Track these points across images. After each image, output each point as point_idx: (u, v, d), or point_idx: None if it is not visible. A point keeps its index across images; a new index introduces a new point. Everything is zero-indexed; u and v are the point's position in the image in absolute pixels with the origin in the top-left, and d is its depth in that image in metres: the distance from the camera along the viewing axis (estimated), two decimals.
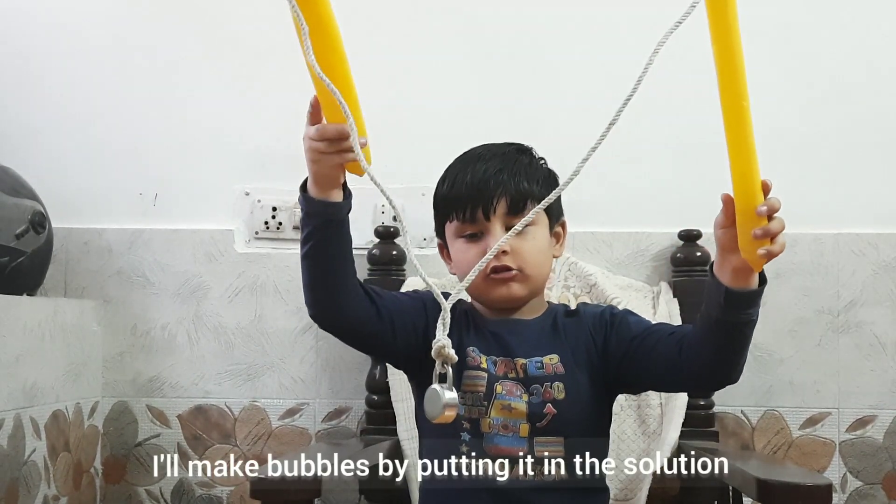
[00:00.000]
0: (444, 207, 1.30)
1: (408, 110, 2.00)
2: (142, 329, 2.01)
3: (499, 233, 1.25)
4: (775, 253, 1.06)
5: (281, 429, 1.98)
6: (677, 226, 1.90)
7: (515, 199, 1.26)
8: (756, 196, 1.03)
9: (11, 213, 1.78)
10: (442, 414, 0.93)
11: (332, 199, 1.13)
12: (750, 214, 1.03)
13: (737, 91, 1.00)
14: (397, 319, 1.26)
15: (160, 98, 2.06)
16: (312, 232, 1.15)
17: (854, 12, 1.97)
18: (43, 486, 1.74)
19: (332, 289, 1.19)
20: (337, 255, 1.17)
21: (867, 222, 1.94)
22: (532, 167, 1.30)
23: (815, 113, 1.96)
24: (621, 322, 1.30)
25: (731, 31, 1.01)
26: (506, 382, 1.26)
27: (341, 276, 1.18)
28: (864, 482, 1.90)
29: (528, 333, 1.30)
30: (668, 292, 1.86)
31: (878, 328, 1.92)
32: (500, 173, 1.27)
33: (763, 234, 1.04)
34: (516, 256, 1.25)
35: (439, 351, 0.94)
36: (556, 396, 1.25)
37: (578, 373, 1.27)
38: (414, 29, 2.01)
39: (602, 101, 1.94)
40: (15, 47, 2.07)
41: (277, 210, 2.01)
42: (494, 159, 1.29)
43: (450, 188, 1.30)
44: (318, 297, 1.20)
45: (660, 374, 1.25)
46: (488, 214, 1.26)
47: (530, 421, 1.24)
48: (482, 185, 1.26)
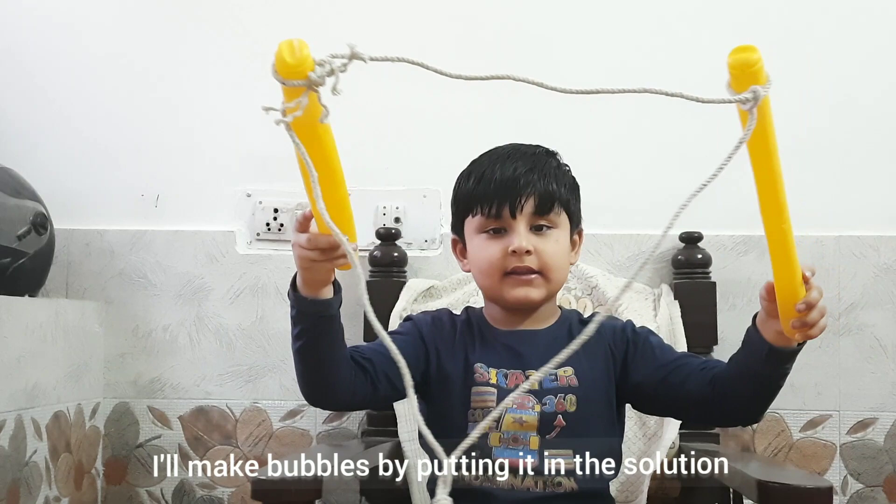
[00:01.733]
0: (468, 202, 1.29)
1: (409, 113, 2.01)
2: (143, 330, 2.01)
3: (523, 231, 1.25)
4: (813, 336, 1.09)
5: (282, 430, 1.98)
6: (678, 228, 1.90)
7: (543, 199, 1.26)
8: (797, 292, 1.06)
9: (13, 215, 1.78)
10: None
11: (322, 298, 1.13)
12: (790, 307, 1.07)
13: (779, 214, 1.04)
14: (395, 375, 1.23)
15: (162, 99, 2.06)
16: (304, 330, 1.15)
17: (857, 17, 1.97)
18: (44, 487, 1.74)
19: (326, 379, 1.19)
20: (328, 349, 1.17)
21: (868, 225, 1.94)
22: (560, 171, 1.31)
23: (816, 115, 1.96)
24: (644, 344, 1.30)
25: (772, 160, 1.02)
26: (518, 395, 1.24)
27: (334, 367, 1.19)
28: (865, 485, 1.90)
29: (541, 344, 1.29)
30: (669, 294, 1.86)
31: (879, 331, 1.92)
32: (531, 173, 1.27)
33: (801, 326, 1.07)
34: (539, 257, 1.25)
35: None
36: (568, 409, 1.25)
37: (592, 386, 1.27)
38: (416, 31, 2.01)
39: (605, 104, 1.97)
40: (16, 49, 2.07)
41: (279, 211, 2.01)
42: (524, 159, 1.29)
43: (476, 183, 1.28)
44: (311, 388, 1.21)
45: (686, 408, 1.28)
46: (514, 212, 1.25)
47: (540, 433, 1.24)
48: (512, 183, 1.26)
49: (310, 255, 1.07)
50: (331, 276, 1.13)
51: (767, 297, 1.10)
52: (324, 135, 0.97)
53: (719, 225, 1.93)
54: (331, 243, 1.05)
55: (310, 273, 1.11)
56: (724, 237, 1.94)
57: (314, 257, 1.07)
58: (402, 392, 1.26)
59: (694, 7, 1.97)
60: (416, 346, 1.29)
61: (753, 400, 1.20)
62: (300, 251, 1.08)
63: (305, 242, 1.07)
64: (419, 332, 1.31)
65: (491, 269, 1.26)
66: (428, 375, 1.30)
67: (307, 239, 1.06)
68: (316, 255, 1.07)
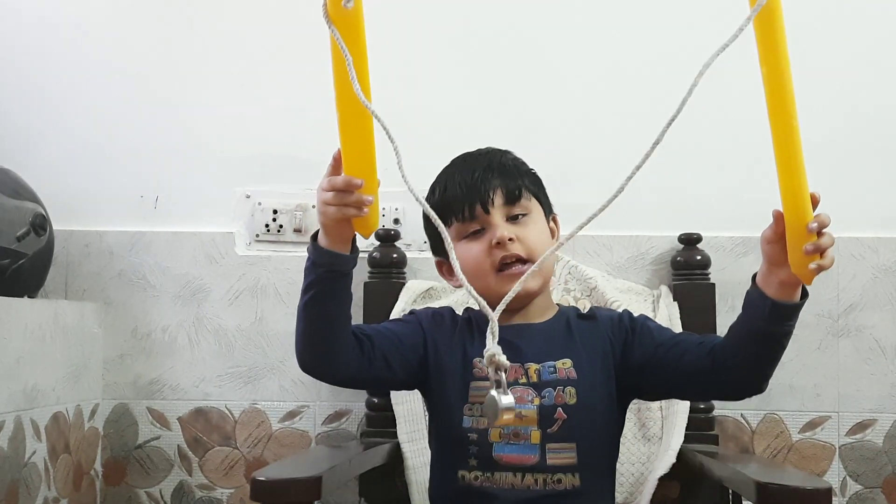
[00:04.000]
0: (441, 215, 1.28)
1: (408, 113, 1.99)
2: (142, 331, 2.01)
3: (501, 222, 1.27)
4: (826, 267, 1.08)
5: (281, 431, 1.98)
6: (677, 229, 1.90)
7: (510, 188, 1.29)
8: (806, 212, 1.05)
9: (12, 216, 1.78)
10: (501, 418, 0.97)
11: (338, 251, 1.15)
12: (800, 230, 1.06)
13: (786, 109, 1.02)
14: (392, 356, 1.27)
15: (161, 100, 2.06)
16: (315, 281, 1.17)
17: (857, 15, 1.97)
18: (43, 488, 1.74)
19: (326, 341, 1.20)
20: (335, 308, 1.19)
21: (867, 226, 1.94)
22: (517, 163, 1.34)
23: (816, 116, 1.95)
24: (643, 328, 1.31)
25: (780, 51, 1.02)
26: (516, 389, 1.24)
27: (336, 330, 1.20)
28: (864, 486, 1.90)
29: (540, 337, 1.30)
30: (669, 296, 1.86)
31: (878, 332, 1.92)
32: (489, 170, 1.30)
33: (814, 250, 1.06)
34: (523, 243, 1.26)
35: (490, 359, 0.96)
36: (568, 401, 1.25)
37: (592, 378, 1.27)
38: (414, 33, 2.01)
39: (602, 103, 1.98)
40: (16, 50, 2.07)
41: (278, 213, 2.01)
42: (479, 160, 1.32)
43: (443, 192, 1.31)
44: (309, 348, 1.21)
45: (687, 382, 1.27)
46: (487, 207, 1.28)
47: (541, 427, 1.24)
48: (476, 182, 1.28)
49: (326, 197, 1.11)
50: (349, 232, 1.15)
51: (773, 234, 1.09)
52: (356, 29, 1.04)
53: (718, 226, 1.93)
54: (346, 182, 1.09)
55: (325, 218, 1.13)
56: (724, 238, 1.94)
57: (330, 199, 1.10)
58: (397, 375, 1.29)
59: (693, 7, 1.97)
60: (415, 333, 1.31)
61: (756, 364, 1.19)
62: (320, 194, 1.12)
63: (326, 184, 1.11)
64: (419, 322, 1.33)
65: (480, 268, 1.26)
66: (426, 366, 1.30)
67: (328, 180, 1.11)
68: (332, 198, 1.10)
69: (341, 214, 1.11)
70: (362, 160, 1.10)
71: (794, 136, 1.02)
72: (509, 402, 0.96)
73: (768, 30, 1.02)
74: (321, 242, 1.16)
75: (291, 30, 1.98)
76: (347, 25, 1.03)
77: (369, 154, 1.10)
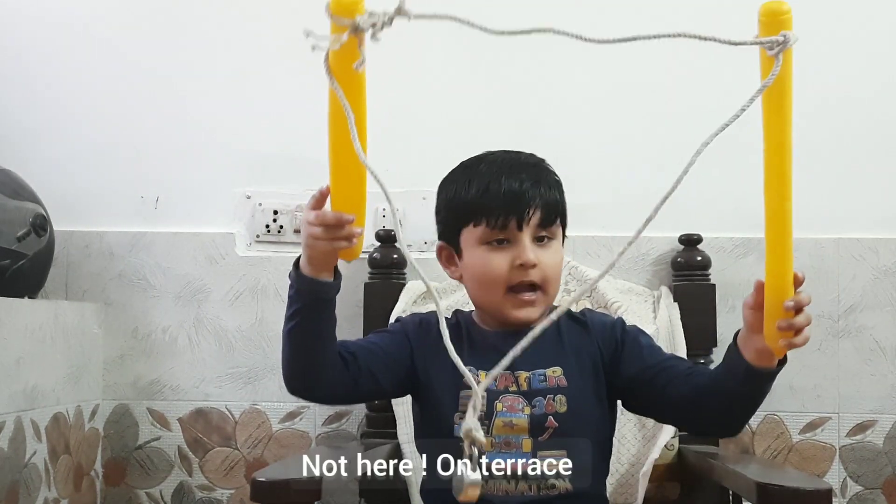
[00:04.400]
0: (470, 212, 1.26)
1: (409, 114, 2.01)
2: (143, 332, 2.01)
3: (529, 244, 1.24)
4: (797, 345, 1.07)
5: (281, 432, 1.98)
6: (678, 230, 1.90)
7: (548, 211, 1.25)
8: (787, 290, 1.04)
9: (13, 216, 1.78)
10: (465, 493, 0.94)
11: (322, 279, 1.15)
12: (778, 306, 1.05)
13: (782, 192, 1.02)
14: (378, 371, 1.26)
15: (162, 101, 2.06)
16: (300, 309, 1.16)
17: (856, 18, 1.98)
18: (43, 489, 1.74)
19: (311, 366, 1.20)
20: (320, 333, 1.18)
21: (867, 227, 1.94)
22: (557, 181, 1.30)
23: (816, 118, 1.96)
24: (633, 344, 1.29)
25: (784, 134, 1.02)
26: (506, 398, 1.25)
27: (321, 356, 1.20)
28: (865, 487, 1.90)
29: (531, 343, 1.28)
30: (669, 296, 1.86)
31: (879, 333, 1.92)
32: (537, 186, 1.25)
33: (787, 328, 1.05)
34: (542, 270, 1.24)
35: (467, 434, 0.92)
36: (558, 409, 1.24)
37: (582, 384, 1.26)
38: (415, 33, 2.01)
39: (603, 105, 1.98)
40: (16, 50, 2.07)
41: (278, 213, 2.01)
42: (528, 170, 1.27)
43: (482, 193, 1.26)
44: (296, 374, 1.22)
45: (667, 410, 1.28)
46: (521, 225, 1.24)
47: (532, 435, 1.23)
48: (520, 195, 1.24)
49: (315, 232, 1.10)
50: (333, 260, 1.14)
51: (754, 302, 1.09)
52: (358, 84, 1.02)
53: (719, 227, 1.94)
54: (337, 219, 1.08)
55: (314, 251, 1.12)
56: (724, 239, 1.94)
57: (319, 234, 1.10)
58: (385, 388, 1.29)
59: (692, 9, 1.96)
60: (400, 343, 1.30)
61: (728, 416, 1.20)
62: (308, 228, 1.11)
63: (314, 219, 1.09)
64: (405, 332, 1.32)
65: (494, 283, 1.25)
66: (415, 375, 1.29)
67: (316, 215, 1.09)
68: (321, 232, 1.09)
69: (332, 248, 1.11)
70: (353, 195, 1.09)
71: (787, 217, 1.02)
72: (476, 478, 0.93)
73: (775, 109, 1.01)
74: (305, 271, 1.14)
75: (293, 31, 1.97)
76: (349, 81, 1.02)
77: (360, 190, 1.10)
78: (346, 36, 0.95)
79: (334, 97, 1.01)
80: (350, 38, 0.95)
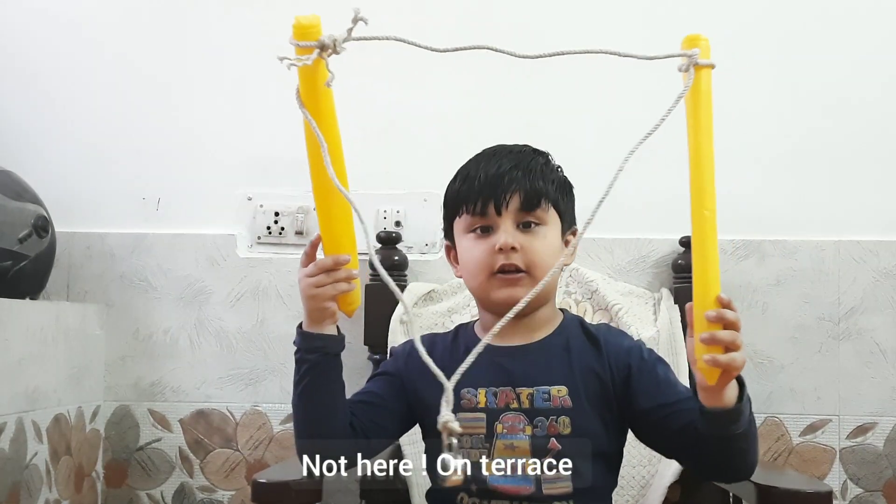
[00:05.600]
0: (455, 203, 1.27)
1: (410, 115, 2.01)
2: (144, 333, 2.01)
3: (510, 228, 1.21)
4: (722, 363, 1.01)
5: (282, 433, 1.98)
6: (678, 232, 1.90)
7: (529, 195, 1.22)
8: (710, 302, 1.02)
9: (15, 218, 1.79)
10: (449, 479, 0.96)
11: (325, 332, 1.17)
12: (703, 321, 1.02)
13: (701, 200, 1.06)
14: (381, 419, 1.26)
15: (163, 103, 2.07)
16: (308, 369, 1.18)
17: (856, 20, 1.98)
18: (44, 490, 1.75)
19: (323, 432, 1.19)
20: (329, 395, 1.19)
21: (868, 229, 1.94)
22: (548, 168, 1.27)
23: (817, 120, 1.96)
24: (651, 375, 1.22)
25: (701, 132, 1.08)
26: (507, 417, 1.20)
27: (332, 418, 1.20)
28: (865, 489, 1.90)
29: (534, 358, 1.24)
30: (670, 298, 1.86)
31: (879, 335, 1.92)
32: (515, 169, 1.24)
33: (709, 340, 1.01)
34: (526, 254, 1.20)
35: (444, 426, 0.93)
36: (562, 431, 1.19)
37: (587, 407, 1.21)
38: (416, 34, 2.01)
39: (605, 106, 1.98)
40: (18, 52, 2.08)
41: (280, 215, 2.02)
42: (509, 156, 1.26)
43: (461, 183, 1.26)
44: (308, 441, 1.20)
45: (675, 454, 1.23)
46: (500, 209, 1.22)
47: (535, 457, 1.19)
48: (495, 180, 1.23)
49: (314, 281, 1.12)
50: (334, 313, 1.16)
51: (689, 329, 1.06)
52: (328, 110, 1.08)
53: (719, 229, 1.91)
54: (335, 260, 1.11)
55: (315, 302, 1.14)
56: (724, 242, 1.94)
57: (321, 281, 1.12)
58: (393, 431, 1.28)
59: (691, 9, 1.97)
60: (394, 385, 1.29)
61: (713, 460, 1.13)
62: (305, 281, 1.13)
63: (312, 269, 1.13)
64: (397, 371, 1.30)
65: (477, 269, 1.23)
66: (414, 408, 1.28)
67: (313, 264, 1.13)
68: (322, 279, 1.12)
69: (335, 291, 1.13)
70: (343, 238, 1.12)
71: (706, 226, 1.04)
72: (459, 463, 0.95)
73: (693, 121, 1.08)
74: (308, 328, 1.17)
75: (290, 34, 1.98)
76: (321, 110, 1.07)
77: (350, 232, 1.13)
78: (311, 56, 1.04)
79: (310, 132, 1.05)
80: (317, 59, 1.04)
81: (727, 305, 1.03)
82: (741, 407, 1.07)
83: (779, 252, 1.94)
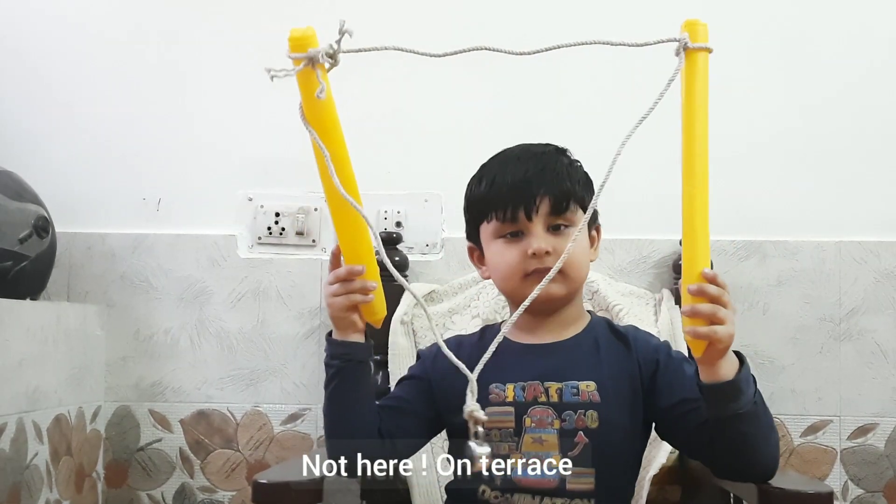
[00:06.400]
0: (482, 208, 1.27)
1: (411, 116, 2.01)
2: (144, 334, 2.01)
3: (540, 233, 1.22)
4: (701, 334, 1.04)
5: (283, 434, 1.98)
6: (679, 233, 1.87)
7: (558, 198, 1.23)
8: (696, 276, 1.05)
9: (15, 218, 1.79)
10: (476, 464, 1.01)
11: (350, 340, 1.20)
12: (688, 295, 1.05)
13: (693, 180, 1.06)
14: (409, 425, 1.28)
15: (164, 103, 2.07)
16: (335, 374, 1.21)
17: (858, 19, 1.98)
18: (45, 491, 1.75)
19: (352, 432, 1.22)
20: (355, 400, 1.22)
21: (869, 230, 1.94)
22: (572, 168, 1.28)
23: (818, 120, 1.96)
24: (678, 371, 1.24)
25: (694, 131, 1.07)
26: (536, 410, 1.21)
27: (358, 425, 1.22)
28: (866, 490, 1.90)
29: (563, 355, 1.25)
30: (671, 299, 1.86)
31: (880, 336, 1.92)
32: (543, 173, 1.24)
33: (690, 313, 1.04)
34: (559, 256, 1.18)
35: (469, 415, 0.99)
36: (589, 425, 1.20)
37: (615, 402, 1.22)
38: (419, 36, 2.01)
39: (609, 106, 1.98)
40: (19, 52, 2.08)
41: (280, 216, 2.02)
42: (535, 159, 1.26)
43: (489, 188, 1.26)
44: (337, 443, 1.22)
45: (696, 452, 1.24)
46: (530, 214, 1.23)
47: (562, 451, 1.20)
48: (524, 185, 1.23)
49: (331, 290, 1.17)
50: (357, 321, 1.19)
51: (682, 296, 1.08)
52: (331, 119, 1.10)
53: (720, 230, 1.91)
54: (349, 271, 1.15)
55: (333, 310, 1.18)
56: (725, 242, 1.94)
57: (337, 290, 1.16)
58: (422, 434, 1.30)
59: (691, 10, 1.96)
60: (422, 388, 1.31)
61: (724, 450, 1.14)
62: (326, 289, 1.18)
63: (329, 278, 1.17)
64: (426, 371, 1.31)
65: (511, 273, 1.24)
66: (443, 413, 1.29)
67: (331, 273, 1.17)
68: (338, 288, 1.16)
69: (349, 301, 1.16)
70: (360, 249, 1.16)
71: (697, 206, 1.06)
72: (485, 450, 1.00)
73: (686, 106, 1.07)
74: (334, 335, 1.21)
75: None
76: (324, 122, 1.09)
77: (366, 243, 1.16)
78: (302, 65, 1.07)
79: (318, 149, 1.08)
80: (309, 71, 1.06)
81: (712, 280, 1.05)
82: (738, 383, 1.09)
83: (780, 253, 1.94)
